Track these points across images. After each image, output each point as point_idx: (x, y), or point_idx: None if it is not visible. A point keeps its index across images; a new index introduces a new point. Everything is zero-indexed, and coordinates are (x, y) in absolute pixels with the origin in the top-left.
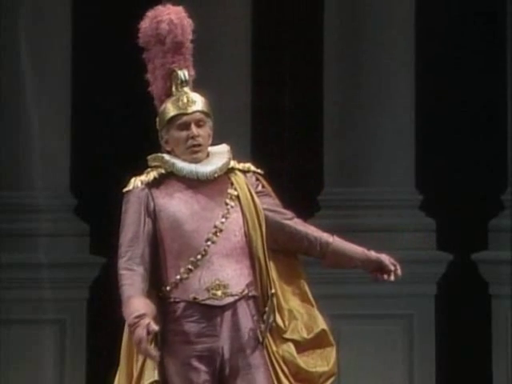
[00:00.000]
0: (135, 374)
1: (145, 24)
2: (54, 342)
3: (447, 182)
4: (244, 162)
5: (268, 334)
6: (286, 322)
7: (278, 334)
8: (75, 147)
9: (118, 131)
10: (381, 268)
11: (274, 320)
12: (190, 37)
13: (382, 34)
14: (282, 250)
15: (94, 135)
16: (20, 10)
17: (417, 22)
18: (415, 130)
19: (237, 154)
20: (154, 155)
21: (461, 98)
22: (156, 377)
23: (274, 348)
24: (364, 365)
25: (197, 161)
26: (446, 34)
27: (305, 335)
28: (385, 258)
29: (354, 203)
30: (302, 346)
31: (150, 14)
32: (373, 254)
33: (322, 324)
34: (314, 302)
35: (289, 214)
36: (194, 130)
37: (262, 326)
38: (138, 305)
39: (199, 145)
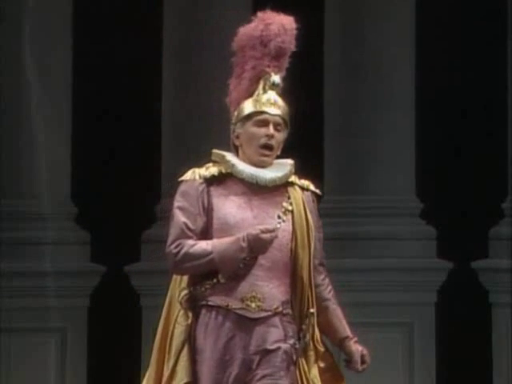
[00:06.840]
0: (166, 375)
1: (249, 26)
2: (54, 350)
3: (448, 190)
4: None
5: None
6: (318, 346)
7: (316, 355)
8: (76, 156)
9: (119, 141)
10: (350, 360)
11: (312, 339)
12: (294, 48)
13: (382, 37)
14: None
15: (95, 145)
16: (24, 20)
17: (417, 25)
18: (416, 138)
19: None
20: (217, 151)
21: (461, 106)
22: (189, 378)
23: (306, 368)
24: (364, 373)
25: (262, 165)
26: (447, 36)
27: (321, 364)
28: (357, 356)
29: (354, 211)
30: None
31: (259, 16)
32: (348, 345)
33: (331, 357)
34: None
35: (319, 257)
36: (272, 129)
37: (298, 344)
38: (228, 239)
39: (271, 147)
